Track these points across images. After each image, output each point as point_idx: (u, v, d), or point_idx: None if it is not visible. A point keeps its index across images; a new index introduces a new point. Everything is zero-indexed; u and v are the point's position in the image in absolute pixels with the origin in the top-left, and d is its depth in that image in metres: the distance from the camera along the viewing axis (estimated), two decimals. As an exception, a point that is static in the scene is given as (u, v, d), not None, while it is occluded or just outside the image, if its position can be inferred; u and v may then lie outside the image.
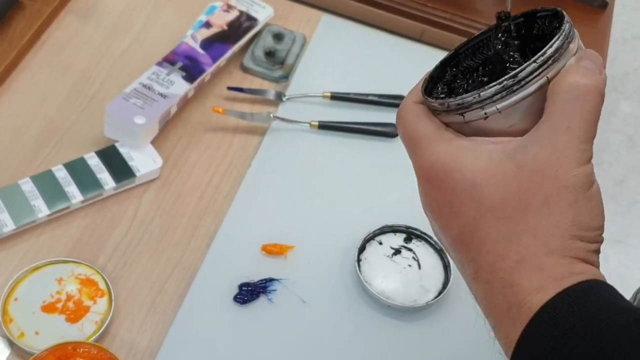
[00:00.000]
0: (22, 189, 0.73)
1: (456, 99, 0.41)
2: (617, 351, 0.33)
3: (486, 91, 0.40)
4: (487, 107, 0.40)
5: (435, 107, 0.42)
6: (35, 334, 0.66)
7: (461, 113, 0.41)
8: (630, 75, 2.10)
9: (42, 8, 0.88)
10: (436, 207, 0.40)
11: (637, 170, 1.92)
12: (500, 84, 0.39)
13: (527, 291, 0.36)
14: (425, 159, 0.41)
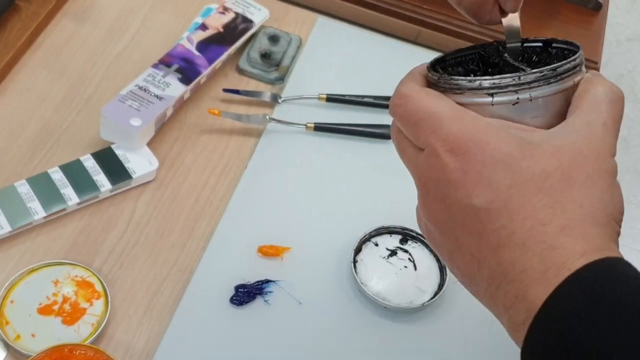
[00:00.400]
0: (18, 191, 0.73)
1: (493, 78, 0.41)
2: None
3: (527, 75, 0.41)
4: (521, 93, 0.41)
5: (460, 85, 0.42)
6: (31, 336, 0.66)
7: (492, 94, 0.41)
8: (624, 77, 2.11)
9: (38, 10, 0.88)
10: (460, 177, 0.40)
11: (631, 170, 1.93)
12: (541, 72, 0.41)
13: (570, 254, 0.37)
14: (452, 132, 0.40)
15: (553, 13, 1.02)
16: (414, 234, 0.76)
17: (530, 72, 0.41)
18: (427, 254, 0.75)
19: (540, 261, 0.38)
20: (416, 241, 0.76)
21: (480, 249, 0.40)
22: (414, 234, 0.76)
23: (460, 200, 0.40)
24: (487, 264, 0.40)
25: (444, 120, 0.41)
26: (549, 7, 1.02)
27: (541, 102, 0.41)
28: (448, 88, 0.43)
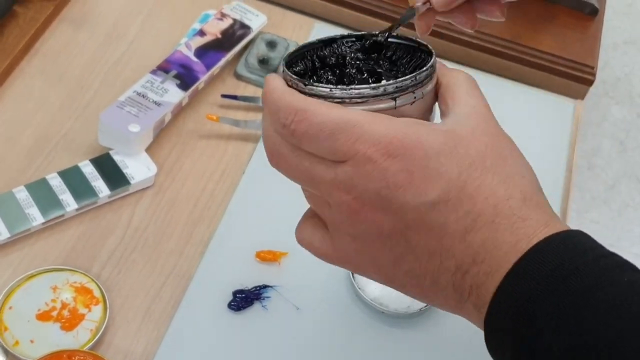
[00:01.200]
0: (16, 198, 0.73)
1: (395, 82, 0.41)
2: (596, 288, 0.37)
3: (421, 74, 0.43)
4: (417, 92, 0.43)
5: (363, 94, 0.41)
6: (30, 343, 0.66)
7: (395, 97, 0.42)
8: (622, 80, 2.11)
9: (36, 16, 0.88)
10: (406, 177, 0.39)
11: (629, 174, 1.93)
12: (427, 69, 0.43)
13: (537, 224, 0.39)
14: (382, 135, 0.39)
15: (549, 18, 1.02)
16: (412, 238, 0.76)
17: (424, 71, 0.43)
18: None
19: (512, 234, 0.38)
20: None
21: (443, 242, 0.39)
22: (411, 239, 0.76)
23: (411, 201, 0.39)
24: (453, 254, 0.39)
25: (364, 125, 0.39)
26: (544, 11, 1.02)
27: (427, 98, 0.44)
28: (347, 98, 0.41)
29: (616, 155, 1.96)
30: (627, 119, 2.03)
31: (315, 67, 0.46)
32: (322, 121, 0.40)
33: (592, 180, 1.91)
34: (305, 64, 0.46)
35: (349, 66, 0.45)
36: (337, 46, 0.47)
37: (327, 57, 0.46)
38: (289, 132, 0.41)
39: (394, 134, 0.39)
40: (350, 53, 0.46)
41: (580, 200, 1.87)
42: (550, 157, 0.88)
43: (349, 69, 0.45)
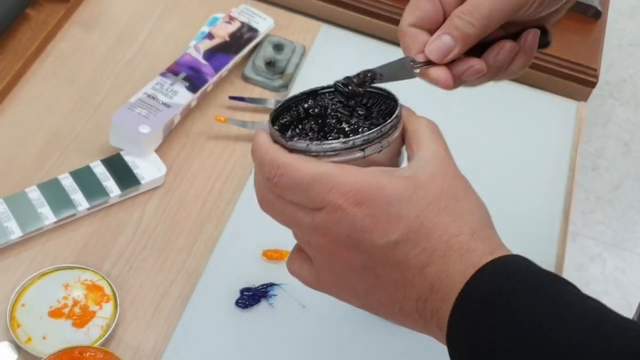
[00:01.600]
0: (28, 197, 0.75)
1: (363, 135, 0.47)
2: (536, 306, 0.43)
3: (386, 125, 0.48)
4: (383, 141, 0.48)
5: (335, 148, 0.47)
6: (42, 339, 0.67)
7: (364, 148, 0.47)
8: (626, 81, 2.12)
9: (47, 19, 0.89)
10: (372, 221, 0.45)
11: (633, 175, 1.94)
12: (392, 121, 0.48)
13: (482, 253, 0.45)
14: (350, 185, 0.45)
15: (553, 21, 1.03)
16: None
17: (388, 122, 0.48)
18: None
19: (461, 264, 0.44)
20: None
21: (405, 275, 0.45)
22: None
23: (377, 241, 0.45)
24: (415, 285, 0.45)
25: (335, 177, 0.45)
26: (548, 15, 1.03)
27: (393, 145, 0.49)
28: (321, 152, 0.47)
29: (621, 156, 1.96)
30: (631, 121, 2.03)
31: (300, 117, 0.51)
32: (300, 175, 0.46)
33: (597, 181, 1.91)
34: (291, 115, 0.51)
35: (329, 117, 0.51)
36: (319, 98, 0.52)
37: (311, 108, 0.51)
38: (272, 184, 0.47)
39: (360, 185, 0.45)
40: (331, 104, 0.52)
41: (585, 201, 1.88)
42: (553, 158, 0.89)
43: (329, 119, 0.50)
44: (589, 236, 1.83)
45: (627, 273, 1.77)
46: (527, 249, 0.81)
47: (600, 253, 1.80)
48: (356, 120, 0.50)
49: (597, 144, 1.98)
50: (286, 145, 0.48)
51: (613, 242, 1.82)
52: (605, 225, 1.84)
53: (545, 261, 0.80)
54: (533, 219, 0.83)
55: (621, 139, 1.99)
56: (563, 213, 0.84)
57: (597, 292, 1.73)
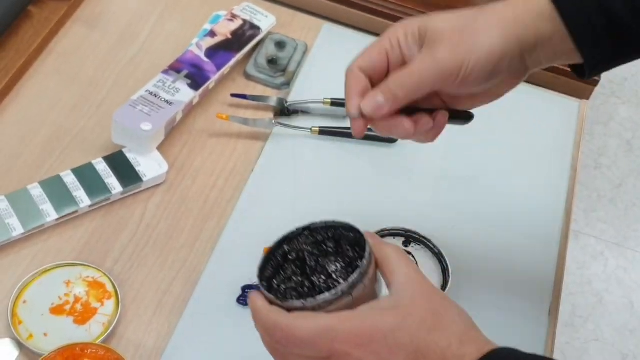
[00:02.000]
0: (30, 194, 0.75)
1: (347, 282, 0.52)
2: None
3: (363, 266, 0.53)
4: (364, 279, 0.53)
5: (327, 299, 0.52)
6: (43, 336, 0.67)
7: (350, 292, 0.52)
8: (628, 80, 2.11)
9: (50, 17, 0.90)
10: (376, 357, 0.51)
11: (635, 173, 1.94)
12: (368, 257, 0.54)
13: (472, 356, 0.51)
14: (350, 332, 0.51)
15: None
16: (417, 236, 0.77)
17: (365, 261, 0.53)
18: (429, 256, 0.76)
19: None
20: (419, 243, 0.77)
21: None
22: (416, 237, 0.77)
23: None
24: None
25: (334, 328, 0.51)
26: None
27: (371, 276, 0.54)
28: (316, 306, 0.52)
29: (623, 154, 1.96)
30: (633, 119, 2.03)
31: (280, 265, 0.57)
32: (304, 334, 0.52)
33: (599, 180, 1.91)
34: (272, 264, 0.57)
35: (307, 259, 0.57)
36: (293, 243, 0.58)
37: (288, 254, 0.58)
38: (281, 345, 0.53)
39: (358, 329, 0.51)
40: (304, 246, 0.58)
41: (587, 199, 1.88)
42: (555, 156, 0.89)
43: (309, 262, 0.56)
44: (591, 234, 1.83)
45: (629, 272, 1.77)
46: (528, 247, 0.82)
47: (602, 251, 1.80)
48: (331, 257, 0.56)
49: (599, 142, 1.97)
50: (283, 305, 0.53)
51: (615, 241, 1.82)
52: (607, 223, 1.84)
53: (547, 259, 0.81)
54: (535, 217, 0.84)
55: (623, 138, 1.99)
56: (565, 211, 0.85)
57: (599, 291, 1.73)
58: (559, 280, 0.79)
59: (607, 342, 1.66)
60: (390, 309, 0.52)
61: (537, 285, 0.78)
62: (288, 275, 0.56)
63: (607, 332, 1.67)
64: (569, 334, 1.66)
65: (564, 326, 1.66)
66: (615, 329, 1.67)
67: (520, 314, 0.76)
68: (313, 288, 0.55)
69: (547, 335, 0.75)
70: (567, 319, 1.68)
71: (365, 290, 0.53)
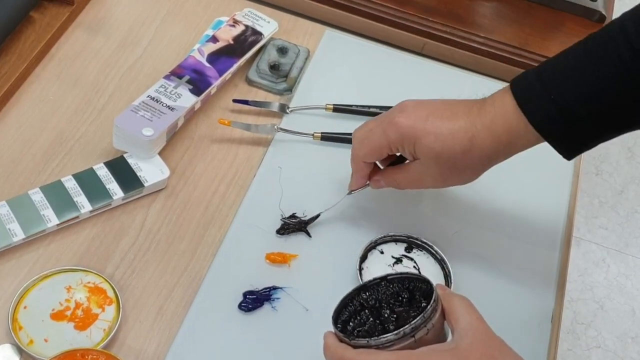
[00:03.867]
0: (32, 199, 0.75)
1: (410, 325, 0.56)
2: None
3: (427, 312, 0.57)
4: (428, 324, 0.57)
5: (390, 340, 0.56)
6: (44, 342, 0.67)
7: (413, 335, 0.57)
8: (630, 86, 2.11)
9: (52, 22, 0.90)
10: None
11: (637, 180, 1.93)
12: (432, 304, 0.58)
13: None
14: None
15: (557, 25, 1.03)
16: (419, 242, 0.77)
17: (429, 307, 0.57)
18: (432, 262, 0.76)
19: None
20: (421, 249, 0.77)
21: None
22: (419, 242, 0.77)
23: None
24: None
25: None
26: (552, 19, 1.03)
27: (437, 324, 0.58)
28: (380, 345, 0.57)
29: (624, 161, 1.96)
30: (635, 126, 2.03)
31: (357, 310, 0.62)
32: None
33: (600, 186, 1.91)
34: (348, 310, 0.62)
35: (382, 307, 0.61)
36: (370, 291, 0.63)
37: (365, 301, 0.62)
38: None
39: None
40: (381, 295, 0.62)
41: (588, 206, 1.87)
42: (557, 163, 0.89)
43: (383, 310, 0.61)
44: (593, 241, 1.82)
45: (630, 278, 1.77)
46: (530, 253, 0.81)
47: (604, 258, 1.80)
48: (405, 307, 0.61)
49: (600, 149, 1.97)
50: (350, 343, 0.58)
51: (616, 247, 1.81)
52: (608, 230, 1.84)
53: (548, 266, 0.80)
54: (537, 224, 0.83)
55: (625, 144, 1.99)
56: (567, 218, 0.84)
57: (601, 298, 1.73)
58: (561, 287, 0.79)
59: (609, 349, 1.65)
60: (448, 350, 0.56)
61: (539, 291, 0.78)
62: (362, 321, 0.61)
63: (609, 339, 1.67)
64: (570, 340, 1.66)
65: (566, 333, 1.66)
66: (617, 335, 1.67)
67: (522, 320, 0.76)
68: (383, 331, 0.59)
69: (549, 342, 0.75)
70: (568, 326, 1.67)
71: (428, 335, 0.57)
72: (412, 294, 0.62)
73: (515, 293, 0.77)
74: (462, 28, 1.00)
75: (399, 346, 0.57)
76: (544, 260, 0.81)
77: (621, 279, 1.76)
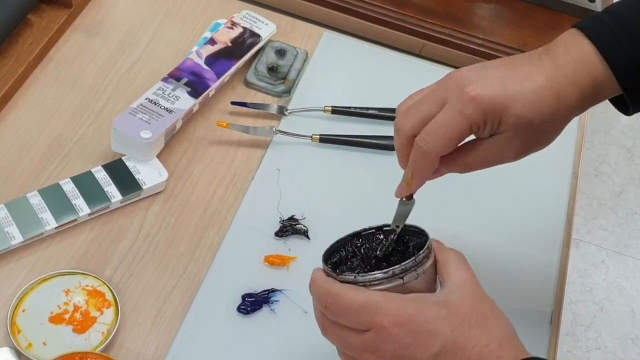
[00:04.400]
0: (30, 202, 0.75)
1: (401, 265, 0.55)
2: None
3: (419, 256, 0.56)
4: (418, 269, 0.56)
5: (377, 278, 0.55)
6: (42, 345, 0.67)
7: (402, 277, 0.55)
8: (629, 88, 2.11)
9: (49, 25, 0.90)
10: (413, 338, 0.53)
11: (636, 181, 1.94)
12: (424, 252, 0.56)
13: (510, 358, 0.53)
14: (392, 309, 0.54)
15: (555, 26, 1.03)
16: (418, 244, 0.77)
17: (421, 253, 0.56)
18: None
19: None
20: (420, 251, 0.77)
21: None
22: (418, 244, 0.77)
23: (419, 355, 0.53)
24: None
25: (380, 303, 0.54)
26: (551, 20, 1.03)
27: (428, 272, 0.57)
28: (367, 282, 0.55)
29: (623, 162, 1.96)
30: (634, 127, 2.03)
31: (349, 255, 0.61)
32: (350, 303, 0.54)
33: (600, 187, 1.91)
34: (339, 255, 0.61)
35: (374, 255, 0.60)
36: (364, 238, 0.61)
37: (358, 248, 0.61)
38: (329, 311, 0.56)
39: (401, 308, 0.54)
40: (373, 244, 0.61)
41: (587, 207, 1.87)
42: (556, 164, 0.89)
43: (374, 256, 0.60)
44: (592, 243, 1.82)
45: (630, 280, 1.77)
46: (530, 255, 0.81)
47: (603, 259, 1.80)
48: (397, 254, 0.60)
49: (599, 150, 1.97)
50: (337, 278, 0.56)
51: (616, 249, 1.81)
52: (608, 231, 1.84)
53: (548, 267, 0.80)
54: (536, 226, 0.83)
55: (624, 145, 1.99)
56: (566, 219, 0.84)
57: (600, 299, 1.73)
58: (561, 289, 0.79)
59: (609, 351, 1.65)
60: (437, 302, 0.54)
61: (538, 293, 0.78)
62: (352, 267, 0.60)
63: (609, 340, 1.67)
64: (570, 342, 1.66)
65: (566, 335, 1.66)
66: (617, 337, 1.67)
67: (522, 322, 0.75)
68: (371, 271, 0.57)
69: (548, 344, 0.74)
70: (568, 328, 1.67)
71: (418, 280, 0.56)
72: (407, 246, 0.60)
73: (514, 294, 0.77)
74: (460, 30, 1.00)
75: (386, 286, 0.55)
76: (543, 261, 0.81)
77: (621, 281, 1.76)
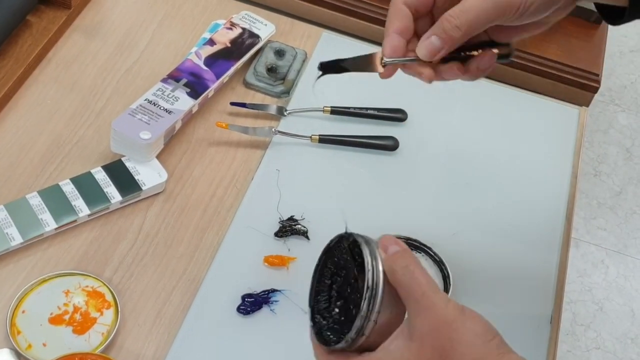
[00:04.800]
0: (29, 203, 0.75)
1: (351, 331, 0.51)
2: None
3: (362, 314, 0.51)
4: (372, 316, 0.51)
5: (342, 346, 0.52)
6: (42, 346, 0.67)
7: (363, 333, 0.51)
8: (627, 88, 2.12)
9: (49, 26, 0.90)
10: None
11: (635, 181, 1.94)
12: (365, 302, 0.52)
13: None
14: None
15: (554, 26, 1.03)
16: (418, 244, 0.77)
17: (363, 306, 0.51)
18: (430, 264, 0.76)
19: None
20: (419, 251, 0.77)
21: None
22: (417, 244, 0.77)
23: None
24: None
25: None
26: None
27: (386, 303, 0.52)
28: (339, 349, 0.52)
29: (622, 162, 1.96)
30: (633, 127, 2.03)
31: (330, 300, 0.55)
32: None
33: (599, 187, 1.91)
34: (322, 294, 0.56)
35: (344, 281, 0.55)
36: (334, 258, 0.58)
37: (332, 274, 0.57)
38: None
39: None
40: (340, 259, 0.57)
41: (587, 206, 1.87)
42: (555, 164, 0.89)
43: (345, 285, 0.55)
44: (591, 242, 1.82)
45: (629, 279, 1.77)
46: (529, 255, 0.81)
47: (603, 259, 1.80)
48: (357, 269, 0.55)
49: (598, 150, 1.98)
50: (330, 349, 0.53)
51: (615, 249, 1.81)
52: (607, 231, 1.84)
53: (547, 267, 0.80)
54: (535, 225, 0.83)
55: (623, 145, 1.99)
56: (565, 219, 0.84)
57: (600, 299, 1.73)
58: (560, 288, 0.79)
59: (609, 350, 1.65)
60: (401, 348, 0.51)
61: (538, 293, 0.78)
62: (331, 307, 0.56)
63: (609, 340, 1.67)
64: (570, 342, 1.66)
65: (565, 334, 1.66)
66: (617, 337, 1.67)
67: (522, 322, 0.76)
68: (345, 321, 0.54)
69: (548, 344, 0.74)
70: (568, 327, 1.67)
71: (380, 320, 0.53)
72: (361, 266, 0.56)
73: (514, 294, 0.77)
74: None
75: (358, 344, 0.52)
76: (543, 261, 0.81)
77: (620, 280, 1.76)
